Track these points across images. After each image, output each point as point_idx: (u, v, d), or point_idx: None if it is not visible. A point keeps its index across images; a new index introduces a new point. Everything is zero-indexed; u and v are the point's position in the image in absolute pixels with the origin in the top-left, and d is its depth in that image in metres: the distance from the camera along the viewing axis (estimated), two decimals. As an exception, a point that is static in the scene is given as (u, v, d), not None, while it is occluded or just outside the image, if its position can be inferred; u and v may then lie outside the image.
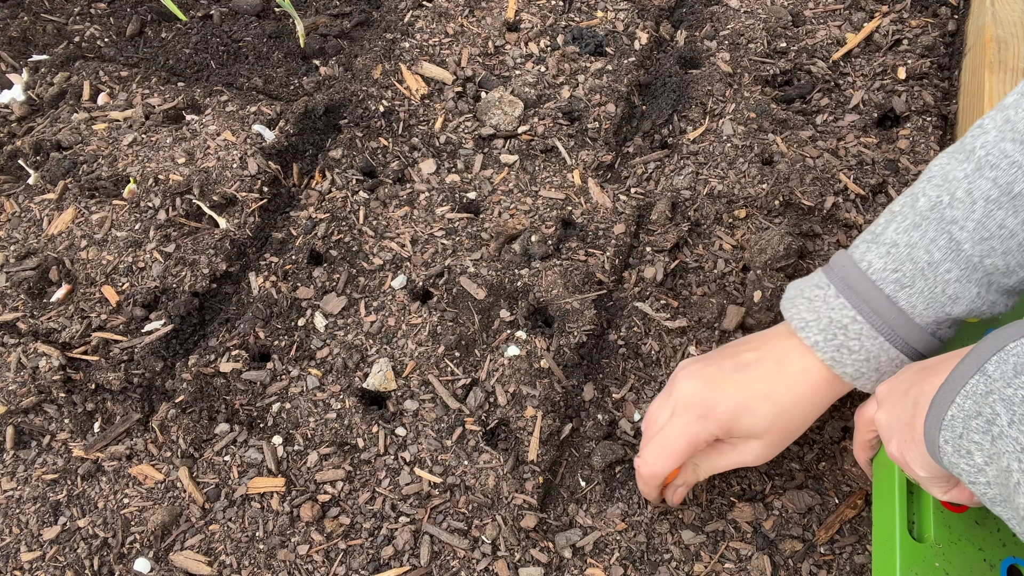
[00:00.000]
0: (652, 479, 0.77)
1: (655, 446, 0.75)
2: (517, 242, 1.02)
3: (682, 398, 0.75)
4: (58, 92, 1.21)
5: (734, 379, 0.74)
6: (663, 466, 0.75)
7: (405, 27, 1.27)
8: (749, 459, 0.76)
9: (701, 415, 0.73)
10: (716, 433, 0.74)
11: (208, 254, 1.02)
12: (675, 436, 0.74)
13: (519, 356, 0.93)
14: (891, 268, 0.70)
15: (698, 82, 1.17)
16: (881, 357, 0.71)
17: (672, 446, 0.74)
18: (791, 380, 0.73)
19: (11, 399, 0.93)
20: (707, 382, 0.75)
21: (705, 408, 0.73)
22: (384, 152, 1.14)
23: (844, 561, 0.79)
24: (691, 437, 0.73)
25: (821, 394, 0.74)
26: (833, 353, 0.72)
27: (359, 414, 0.91)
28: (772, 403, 0.73)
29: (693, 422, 0.73)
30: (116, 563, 0.84)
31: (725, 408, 0.73)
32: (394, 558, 0.82)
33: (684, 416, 0.74)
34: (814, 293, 0.74)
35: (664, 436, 0.75)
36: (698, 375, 0.75)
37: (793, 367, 0.74)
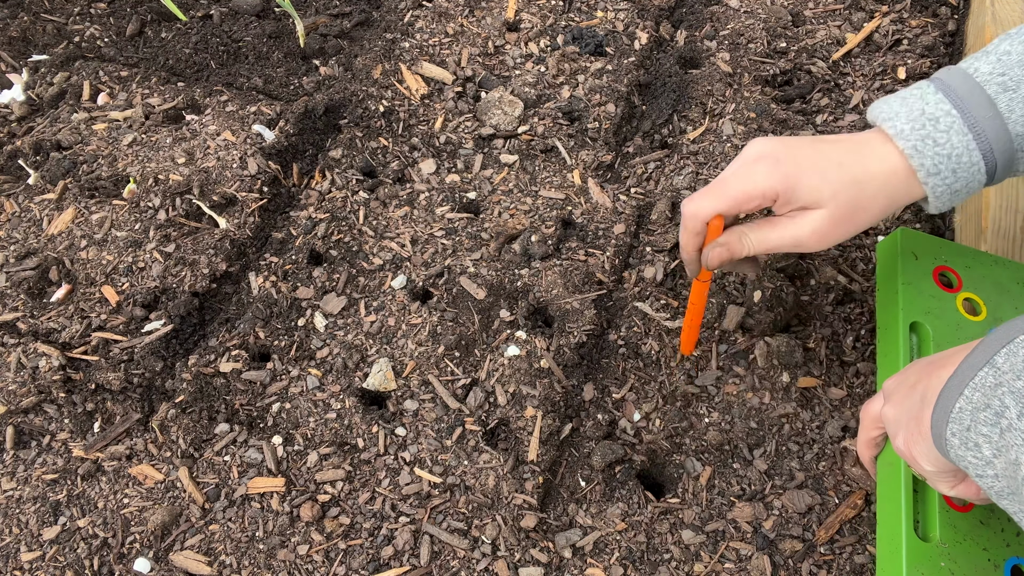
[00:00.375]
0: (692, 220, 0.72)
1: (709, 187, 0.72)
2: (517, 242, 1.02)
3: (751, 151, 0.71)
4: (58, 92, 1.21)
5: (810, 144, 0.71)
6: (708, 205, 0.71)
7: (405, 27, 1.27)
8: (805, 233, 0.70)
9: (768, 165, 0.69)
10: (777, 189, 0.69)
11: (208, 254, 1.02)
12: (731, 176, 0.70)
13: (519, 356, 0.93)
14: (998, 72, 0.68)
15: (698, 82, 1.17)
16: (963, 157, 0.68)
17: (725, 185, 0.70)
18: (867, 157, 0.70)
19: (11, 399, 0.93)
20: (782, 141, 0.71)
21: (774, 158, 0.69)
22: (384, 152, 1.14)
23: (844, 561, 0.79)
24: (750, 184, 0.69)
25: (894, 184, 0.70)
26: (917, 142, 0.68)
27: (359, 414, 0.91)
28: (844, 170, 0.69)
29: (755, 164, 0.70)
30: (116, 563, 0.84)
31: (795, 163, 0.69)
32: (394, 558, 0.82)
33: (748, 163, 0.70)
34: (910, 92, 0.71)
35: (720, 178, 0.71)
36: (772, 138, 0.72)
37: (872, 149, 0.70)
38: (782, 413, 0.88)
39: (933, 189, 0.70)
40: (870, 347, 0.91)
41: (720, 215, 0.72)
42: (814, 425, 0.87)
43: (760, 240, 0.73)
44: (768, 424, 0.87)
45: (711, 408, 0.89)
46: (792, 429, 0.87)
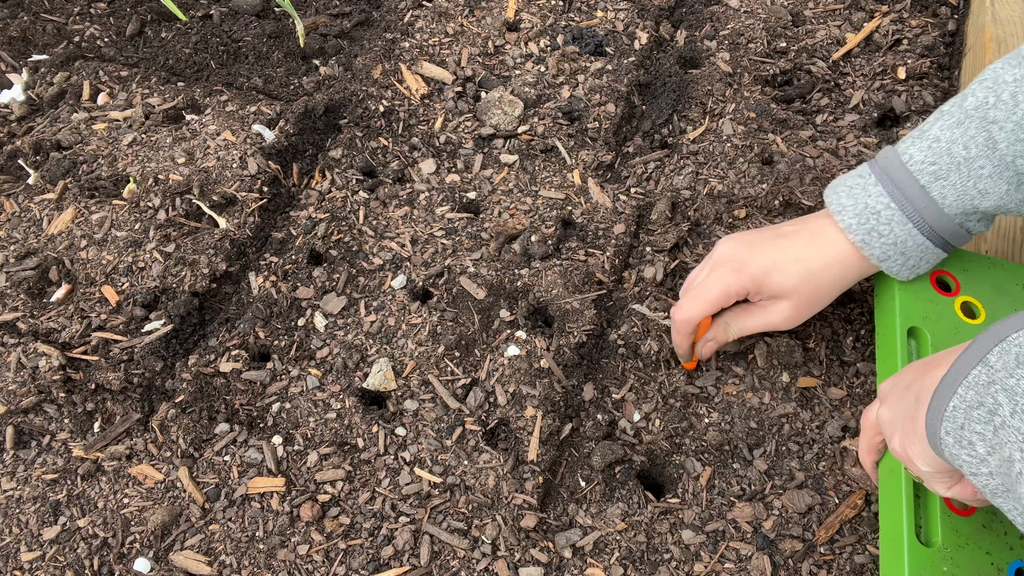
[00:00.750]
0: (684, 325, 0.83)
1: (690, 295, 0.83)
2: (517, 242, 1.02)
3: (720, 256, 0.82)
4: (58, 92, 1.21)
5: (770, 243, 0.81)
6: (696, 311, 0.82)
7: (405, 27, 1.27)
8: (776, 320, 0.82)
9: (735, 268, 0.80)
10: (747, 287, 0.80)
11: (208, 254, 1.02)
12: (710, 285, 0.81)
13: (519, 356, 0.93)
14: (929, 161, 0.75)
15: (698, 82, 1.17)
16: (908, 242, 0.77)
17: (706, 294, 0.81)
18: (822, 249, 0.79)
19: (11, 399, 0.93)
20: (745, 244, 0.82)
21: (740, 263, 0.80)
22: (384, 152, 1.14)
23: (844, 561, 0.79)
24: (724, 287, 0.80)
25: (849, 265, 0.80)
26: (864, 236, 0.77)
27: (359, 414, 0.91)
28: (802, 265, 0.79)
29: (727, 274, 0.80)
30: (116, 563, 0.84)
31: (758, 265, 0.80)
32: (394, 558, 0.82)
33: (720, 270, 0.81)
34: (855, 181, 0.79)
35: (700, 286, 0.82)
36: (737, 239, 0.83)
37: (826, 239, 0.80)
38: (782, 413, 0.88)
39: (889, 268, 0.80)
40: (870, 347, 0.91)
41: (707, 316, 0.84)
42: (814, 425, 0.87)
43: (740, 328, 0.85)
44: (768, 424, 0.87)
45: (711, 408, 0.89)
46: (792, 429, 0.87)
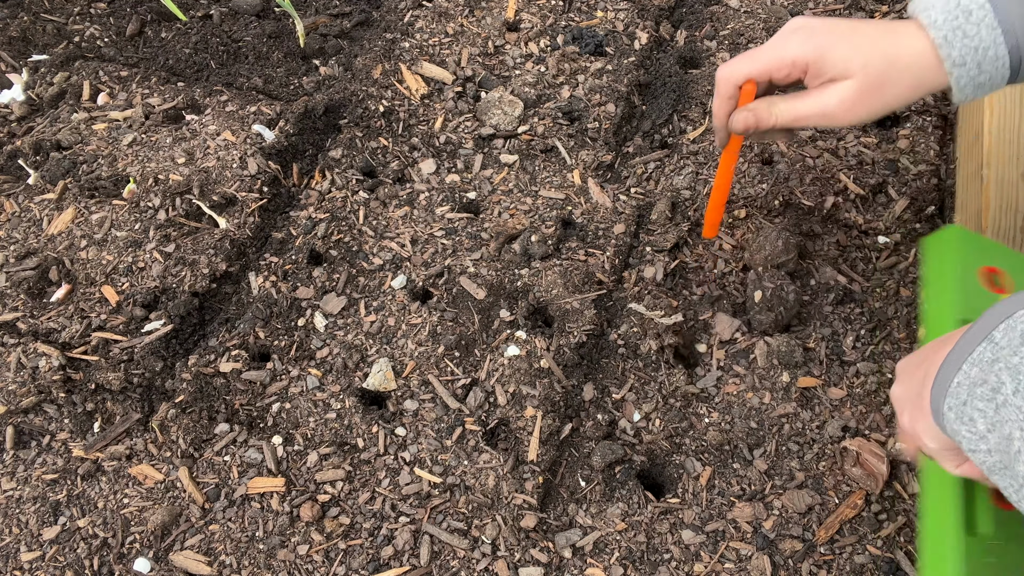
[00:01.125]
0: (726, 83, 0.76)
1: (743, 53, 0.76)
2: (517, 242, 1.02)
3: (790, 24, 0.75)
4: (58, 92, 1.21)
5: (847, 22, 0.74)
6: (743, 68, 0.75)
7: (405, 27, 1.27)
8: (833, 103, 0.74)
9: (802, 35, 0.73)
10: (809, 57, 0.73)
11: (208, 254, 1.02)
12: (768, 46, 0.74)
13: (519, 356, 0.93)
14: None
15: (698, 82, 1.17)
16: (989, 51, 0.71)
17: (759, 51, 0.74)
18: (901, 40, 0.73)
19: (11, 399, 0.93)
20: (819, 18, 0.75)
21: (809, 30, 0.73)
22: (384, 152, 1.14)
23: (844, 561, 0.79)
24: (782, 47, 0.74)
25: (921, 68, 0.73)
26: (947, 32, 0.71)
27: (359, 414, 0.91)
28: (876, 45, 0.72)
29: (789, 34, 0.74)
30: (116, 563, 0.84)
31: (829, 35, 0.73)
32: (394, 558, 0.82)
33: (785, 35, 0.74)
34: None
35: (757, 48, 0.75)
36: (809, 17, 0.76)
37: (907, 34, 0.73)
38: (782, 413, 0.88)
39: (957, 80, 0.72)
40: (870, 347, 0.91)
41: (752, 80, 0.75)
42: (814, 425, 0.87)
43: (788, 109, 0.75)
44: (768, 424, 0.87)
45: (711, 408, 0.89)
46: (792, 429, 0.87)
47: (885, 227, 1.00)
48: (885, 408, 0.87)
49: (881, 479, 0.82)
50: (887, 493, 0.82)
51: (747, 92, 0.76)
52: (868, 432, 0.86)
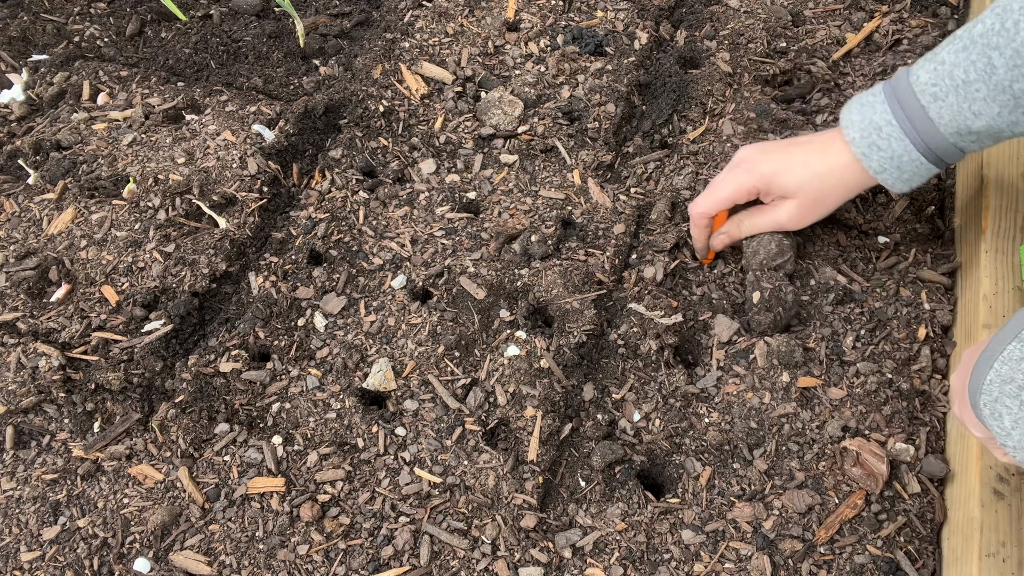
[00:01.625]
0: (700, 218, 0.94)
1: (706, 192, 0.94)
2: (517, 242, 1.02)
3: (736, 158, 0.93)
4: (58, 92, 1.21)
5: (782, 150, 0.91)
6: (710, 206, 0.92)
7: (405, 27, 1.27)
8: (783, 218, 0.91)
9: (747, 168, 0.90)
10: (757, 185, 0.90)
11: (208, 254, 1.02)
12: (723, 183, 0.92)
13: (519, 356, 0.93)
14: (931, 82, 0.80)
15: (698, 82, 1.17)
16: (903, 158, 0.83)
17: (720, 191, 0.92)
18: (827, 156, 0.87)
19: (11, 399, 0.93)
20: (759, 148, 0.92)
21: (751, 164, 0.90)
22: (384, 152, 1.14)
23: (844, 561, 0.79)
24: (736, 185, 0.91)
25: (851, 174, 0.87)
26: (864, 149, 0.84)
27: (359, 414, 0.91)
28: (807, 168, 0.88)
29: (739, 173, 0.91)
30: (116, 563, 0.84)
31: (768, 166, 0.89)
32: (394, 558, 0.82)
33: (734, 170, 0.92)
34: (867, 99, 0.85)
35: (714, 184, 0.93)
36: (754, 146, 0.93)
37: (832, 149, 0.87)
38: (782, 413, 0.88)
39: (886, 181, 0.86)
40: (870, 347, 0.92)
41: (722, 211, 0.94)
42: (814, 425, 0.87)
43: (751, 225, 0.94)
44: (768, 424, 0.87)
45: (711, 408, 0.89)
46: (792, 429, 0.87)
47: (885, 227, 1.00)
48: (885, 408, 0.87)
49: (881, 479, 0.82)
50: (887, 493, 0.82)
51: (719, 219, 0.96)
52: (868, 432, 0.86)
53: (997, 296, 0.87)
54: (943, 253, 0.98)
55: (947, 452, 0.85)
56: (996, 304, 0.87)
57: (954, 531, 0.79)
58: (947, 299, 0.94)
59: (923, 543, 0.80)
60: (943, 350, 0.91)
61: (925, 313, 0.93)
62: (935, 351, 0.91)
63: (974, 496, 0.77)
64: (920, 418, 0.87)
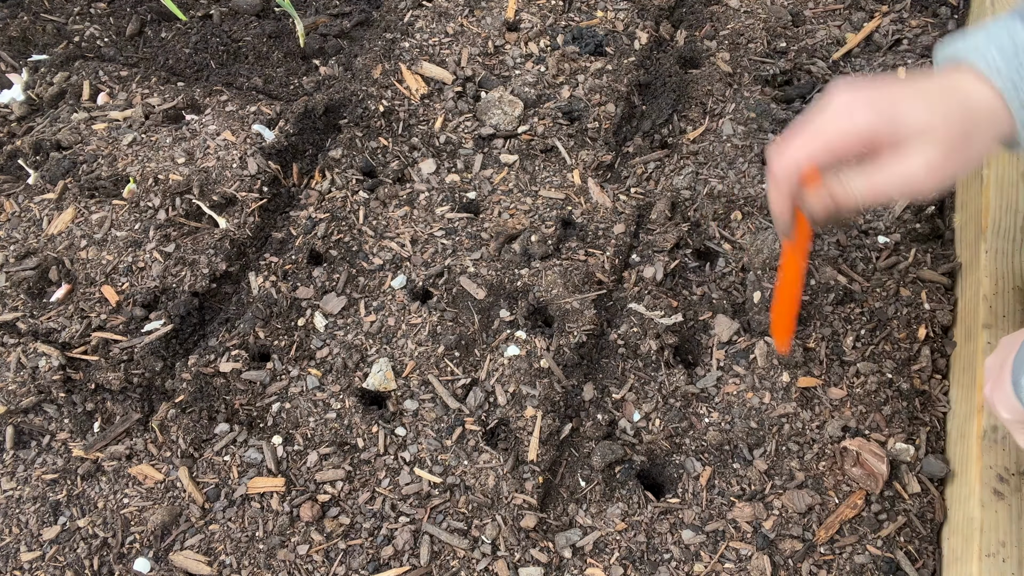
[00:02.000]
0: (784, 171, 0.63)
1: (798, 136, 0.62)
2: (517, 242, 1.02)
3: (840, 95, 0.62)
4: (58, 92, 1.21)
5: (898, 83, 0.63)
6: (803, 151, 0.62)
7: (405, 27, 1.27)
8: (917, 166, 0.61)
9: (862, 103, 0.61)
10: (875, 124, 0.61)
11: (208, 254, 1.02)
12: (826, 122, 0.61)
13: (519, 356, 0.92)
14: None
15: (698, 82, 1.17)
16: None
17: (820, 132, 0.61)
18: (967, 94, 0.62)
19: (11, 399, 0.93)
20: (870, 85, 0.62)
21: (868, 98, 0.61)
22: (384, 152, 1.14)
23: (844, 561, 0.79)
24: (845, 121, 0.61)
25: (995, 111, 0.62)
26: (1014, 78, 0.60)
27: (359, 414, 0.91)
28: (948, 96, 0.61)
29: (853, 109, 0.61)
30: (116, 563, 0.84)
31: (889, 98, 0.61)
32: (394, 558, 0.82)
33: (841, 107, 0.61)
34: (994, 27, 0.63)
35: (812, 125, 0.62)
36: (858, 86, 0.63)
37: (968, 88, 0.62)
38: (782, 413, 0.88)
39: None
40: (870, 347, 0.91)
41: (815, 166, 0.63)
42: (814, 425, 0.87)
43: (868, 185, 0.62)
44: (768, 424, 0.87)
45: (711, 408, 0.89)
46: (792, 429, 0.87)
47: (885, 227, 1.00)
48: (885, 408, 0.87)
49: (881, 479, 0.82)
50: (887, 493, 0.82)
51: (811, 177, 0.64)
52: (868, 432, 0.86)
53: (997, 296, 0.87)
54: (943, 253, 0.98)
55: (947, 452, 0.85)
56: (996, 304, 0.87)
57: (954, 531, 0.79)
58: (947, 299, 0.94)
59: (923, 543, 0.80)
60: (943, 350, 0.91)
61: (925, 313, 0.93)
62: (935, 351, 0.91)
63: (974, 496, 0.77)
64: (920, 418, 0.87)
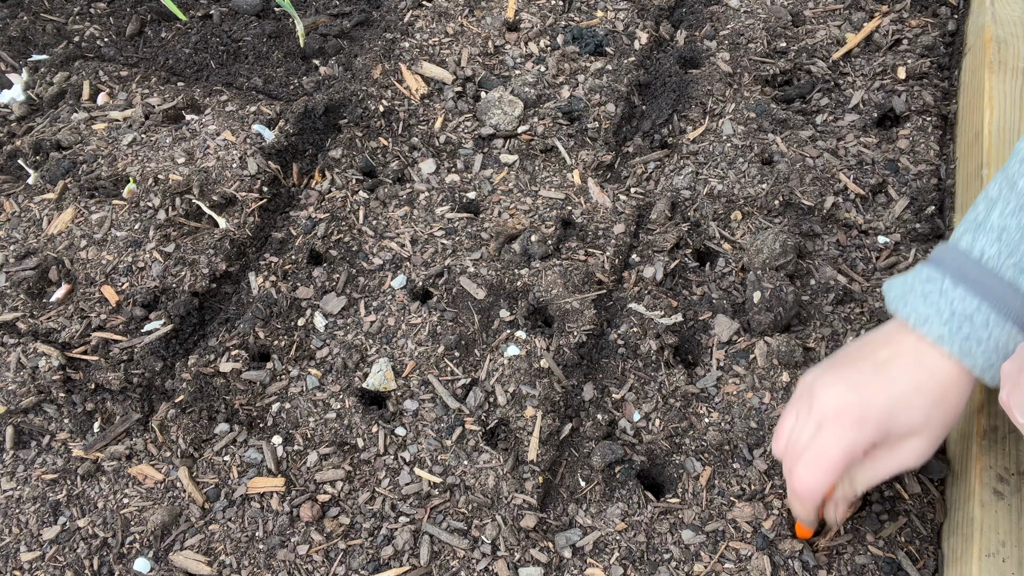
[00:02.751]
0: (810, 499, 0.72)
1: (808, 463, 0.70)
2: (517, 242, 1.02)
3: (829, 408, 0.70)
4: (58, 92, 1.21)
5: (878, 379, 0.70)
6: (821, 483, 0.70)
7: (405, 27, 1.27)
8: (911, 459, 0.71)
9: (855, 420, 0.69)
10: (873, 438, 0.69)
11: (208, 254, 1.02)
12: (830, 449, 0.69)
13: (519, 356, 0.93)
14: (1006, 254, 0.69)
15: (698, 82, 1.17)
16: (1010, 345, 0.68)
17: (828, 459, 0.69)
18: (934, 371, 0.70)
19: (11, 399, 0.93)
20: (851, 386, 0.70)
21: (858, 412, 0.69)
22: (384, 152, 1.14)
23: (844, 561, 0.79)
24: (847, 447, 0.69)
25: (965, 383, 0.70)
26: (961, 344, 0.68)
27: (359, 414, 0.91)
28: (924, 395, 0.69)
29: (848, 429, 0.69)
30: (116, 563, 0.84)
31: (879, 409, 0.69)
32: (394, 558, 0.82)
33: (835, 425, 0.69)
34: (927, 287, 0.71)
35: (817, 451, 0.70)
36: (838, 382, 0.71)
37: (931, 359, 0.70)
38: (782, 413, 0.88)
39: (992, 379, 0.70)
40: (870, 347, 0.91)
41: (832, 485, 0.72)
42: (814, 425, 0.87)
43: (868, 479, 0.73)
44: (768, 424, 0.87)
45: (711, 408, 0.89)
46: (792, 429, 0.87)
47: (885, 227, 1.00)
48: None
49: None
50: (888, 493, 0.82)
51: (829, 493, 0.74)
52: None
53: (997, 296, 0.87)
54: (943, 253, 0.98)
55: (947, 452, 0.85)
56: (996, 304, 0.87)
57: (954, 531, 0.79)
58: (947, 299, 0.94)
59: (923, 543, 0.80)
60: (943, 350, 0.91)
61: (925, 313, 0.93)
62: (935, 351, 0.91)
63: (974, 496, 0.77)
64: (920, 418, 0.87)
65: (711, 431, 0.87)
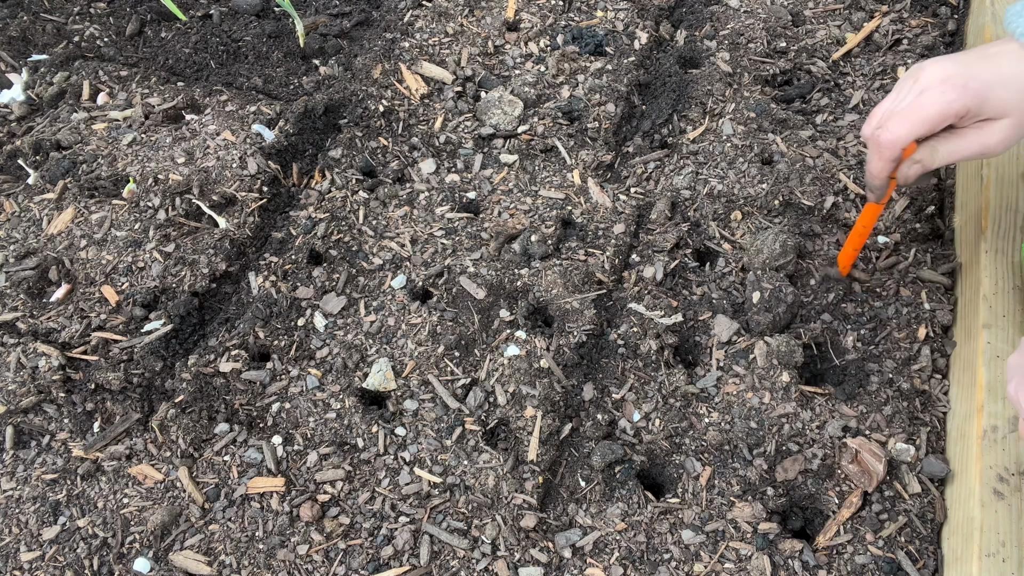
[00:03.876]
0: (891, 147, 0.77)
1: (901, 115, 0.76)
2: (517, 242, 1.02)
3: (934, 75, 0.76)
4: (58, 92, 1.21)
5: (984, 61, 0.76)
6: (907, 131, 0.76)
7: (405, 27, 1.27)
8: (994, 141, 0.76)
9: (958, 85, 0.75)
10: (968, 105, 0.75)
11: (208, 254, 1.02)
12: (926, 103, 0.75)
13: (519, 356, 0.92)
14: None
15: (698, 82, 1.17)
16: None
17: (922, 112, 0.75)
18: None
19: (11, 399, 0.93)
20: (958, 62, 0.76)
21: (961, 80, 0.75)
22: (384, 152, 1.14)
23: (844, 561, 0.79)
24: (943, 105, 0.75)
25: None
26: None
27: (359, 414, 0.91)
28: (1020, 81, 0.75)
29: (949, 91, 0.75)
30: (116, 563, 0.84)
31: (982, 82, 0.75)
32: (394, 558, 0.82)
33: (939, 89, 0.75)
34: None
35: (914, 104, 0.76)
36: (947, 60, 0.77)
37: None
38: (782, 413, 0.88)
39: None
40: (870, 347, 0.91)
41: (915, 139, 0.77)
42: (814, 425, 0.87)
43: (950, 152, 0.78)
44: (768, 424, 0.87)
45: (711, 408, 0.89)
46: (792, 429, 0.87)
47: (885, 227, 1.00)
48: (885, 408, 0.87)
49: (876, 477, 0.82)
50: (888, 493, 0.82)
51: (910, 148, 0.79)
52: (868, 432, 0.86)
53: (997, 296, 0.87)
54: (943, 253, 0.98)
55: (947, 452, 0.85)
56: (996, 304, 0.87)
57: (954, 531, 0.79)
58: (947, 299, 0.94)
59: (924, 543, 0.80)
60: (943, 350, 0.91)
61: (925, 313, 0.93)
62: (935, 351, 0.91)
63: (974, 496, 0.77)
64: (920, 418, 0.87)
65: (711, 431, 0.87)
